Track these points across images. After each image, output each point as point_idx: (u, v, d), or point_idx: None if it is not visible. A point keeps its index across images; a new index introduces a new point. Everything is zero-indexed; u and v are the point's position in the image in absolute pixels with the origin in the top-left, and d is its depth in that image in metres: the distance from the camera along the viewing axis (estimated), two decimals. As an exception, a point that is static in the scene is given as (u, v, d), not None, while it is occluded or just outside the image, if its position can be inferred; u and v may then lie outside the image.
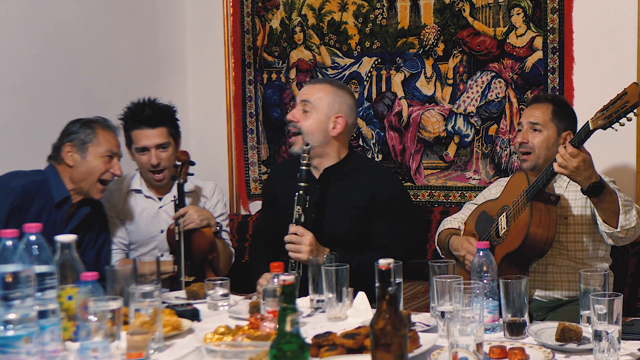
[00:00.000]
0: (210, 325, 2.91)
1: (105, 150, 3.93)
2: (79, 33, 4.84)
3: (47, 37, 4.64)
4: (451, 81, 4.90)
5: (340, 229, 3.77)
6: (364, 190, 3.78)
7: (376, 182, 3.80)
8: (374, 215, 3.77)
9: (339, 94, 3.86)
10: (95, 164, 3.91)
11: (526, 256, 3.63)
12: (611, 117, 3.32)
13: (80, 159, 3.90)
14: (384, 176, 3.89)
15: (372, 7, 5.06)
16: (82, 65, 4.85)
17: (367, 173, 3.85)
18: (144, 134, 4.18)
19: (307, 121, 3.81)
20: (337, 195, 3.81)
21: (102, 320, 2.38)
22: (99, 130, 3.95)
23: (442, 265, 2.98)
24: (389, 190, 3.80)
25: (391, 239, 3.76)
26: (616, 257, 4.05)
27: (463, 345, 2.25)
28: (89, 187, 3.92)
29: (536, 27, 4.64)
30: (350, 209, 3.78)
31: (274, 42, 5.38)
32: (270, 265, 3.12)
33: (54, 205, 3.85)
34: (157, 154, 4.18)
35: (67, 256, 2.62)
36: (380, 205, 3.77)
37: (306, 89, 3.91)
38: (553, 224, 3.58)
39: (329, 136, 3.82)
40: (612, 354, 2.40)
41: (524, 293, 2.75)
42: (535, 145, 3.82)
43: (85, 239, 4.00)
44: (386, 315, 2.10)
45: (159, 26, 5.48)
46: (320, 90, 3.85)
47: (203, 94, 5.60)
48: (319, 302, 3.18)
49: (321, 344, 2.55)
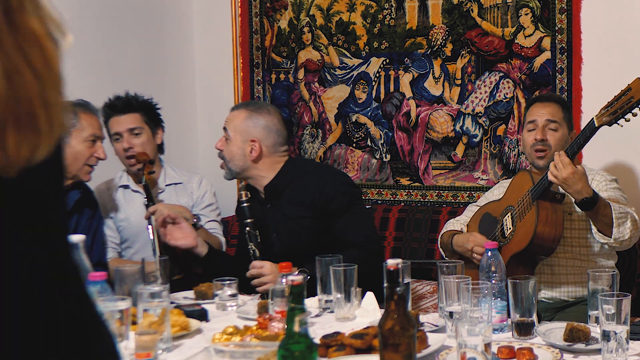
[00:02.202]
0: (218, 325, 2.92)
1: (89, 135, 3.87)
2: (86, 33, 4.85)
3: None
4: (459, 81, 4.90)
5: (297, 241, 3.77)
6: (306, 197, 3.78)
7: (317, 185, 3.79)
8: (326, 217, 3.77)
9: (252, 118, 3.87)
10: (79, 149, 3.85)
11: (534, 255, 3.63)
12: (616, 113, 3.31)
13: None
14: (324, 177, 3.86)
15: (380, 8, 5.06)
16: (89, 66, 4.86)
17: (308, 179, 3.83)
18: (116, 120, 4.24)
19: (228, 148, 3.86)
20: (286, 210, 3.81)
21: (110, 320, 2.38)
22: (82, 114, 3.88)
23: (450, 265, 2.98)
24: (332, 189, 3.78)
25: (352, 231, 3.75)
26: (624, 257, 4.04)
27: (471, 346, 2.25)
28: (76, 172, 3.87)
29: (544, 27, 4.64)
30: (301, 219, 3.78)
31: (282, 42, 5.39)
32: (279, 266, 3.12)
33: None
34: (128, 139, 4.22)
35: (74, 256, 2.62)
36: (328, 206, 3.76)
37: (227, 116, 3.95)
38: (560, 222, 3.58)
39: (248, 161, 3.84)
40: (621, 354, 2.40)
41: (532, 293, 2.75)
42: (553, 143, 3.79)
43: (80, 225, 3.96)
44: (394, 315, 2.10)
45: (166, 26, 5.49)
46: (236, 117, 3.90)
47: (211, 94, 5.60)
48: (327, 302, 3.18)
49: (329, 344, 2.55)
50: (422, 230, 4.75)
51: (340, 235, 3.75)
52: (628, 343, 2.44)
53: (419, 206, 4.96)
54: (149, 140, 4.28)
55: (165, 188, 4.37)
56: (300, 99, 5.33)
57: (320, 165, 4.68)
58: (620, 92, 3.33)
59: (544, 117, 3.84)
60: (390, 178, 5.12)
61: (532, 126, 3.88)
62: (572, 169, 3.37)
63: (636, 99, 3.27)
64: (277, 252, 3.72)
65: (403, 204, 5.04)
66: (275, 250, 3.76)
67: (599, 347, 2.47)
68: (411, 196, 5.07)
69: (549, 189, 3.59)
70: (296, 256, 3.63)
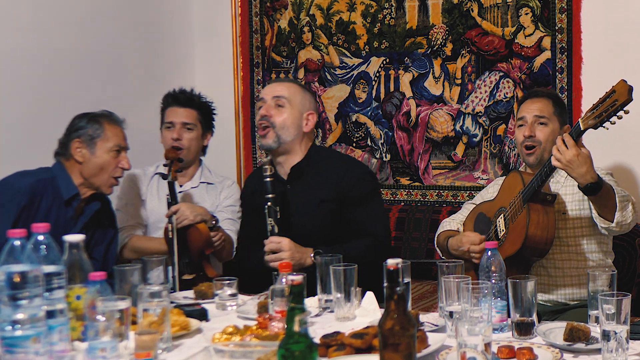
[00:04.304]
0: (218, 325, 2.92)
1: (114, 145, 3.90)
2: (87, 34, 4.85)
3: (55, 38, 4.65)
4: (459, 81, 4.90)
5: (314, 225, 3.80)
6: (330, 182, 3.83)
7: (341, 171, 3.85)
8: (346, 204, 3.80)
9: (307, 93, 3.97)
10: (105, 159, 3.88)
11: (527, 258, 3.60)
12: (601, 116, 3.25)
13: (89, 154, 3.87)
14: (347, 164, 3.94)
15: (380, 7, 5.06)
16: (90, 66, 4.86)
17: (332, 165, 3.90)
18: (173, 111, 4.40)
19: (282, 116, 3.86)
20: (307, 192, 3.84)
21: (110, 320, 2.38)
22: (106, 124, 3.92)
23: (450, 265, 2.98)
24: (354, 177, 3.85)
25: (371, 221, 3.81)
26: (624, 257, 4.03)
27: (471, 345, 2.24)
28: (100, 183, 3.90)
29: (544, 27, 4.64)
30: (321, 203, 3.82)
31: (282, 42, 5.39)
32: (279, 266, 3.13)
33: (63, 202, 3.85)
34: (179, 130, 4.36)
35: (75, 256, 2.62)
36: (349, 193, 3.80)
37: (275, 86, 3.96)
38: (552, 224, 3.54)
39: (301, 132, 3.87)
40: (621, 354, 2.40)
41: (532, 293, 2.75)
42: (542, 139, 3.76)
43: (96, 235, 3.99)
44: (394, 315, 2.10)
45: (167, 27, 5.49)
46: (292, 88, 3.93)
47: (211, 94, 5.54)
48: (327, 301, 3.18)
49: (329, 344, 2.55)
50: (422, 230, 4.76)
51: (359, 224, 3.79)
52: (628, 343, 2.44)
53: (419, 206, 4.96)
54: (197, 138, 4.43)
55: (199, 184, 4.47)
56: (300, 98, 5.33)
57: (343, 154, 4.73)
58: (605, 95, 3.27)
59: (532, 113, 3.81)
60: (390, 178, 5.12)
61: (521, 122, 3.85)
62: (576, 150, 3.30)
63: (620, 101, 3.22)
64: (293, 233, 3.73)
65: (403, 204, 5.04)
66: (291, 230, 3.76)
67: (599, 347, 2.46)
68: (411, 196, 5.07)
69: (540, 191, 3.55)
70: (311, 238, 3.70)
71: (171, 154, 4.23)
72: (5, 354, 2.28)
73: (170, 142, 4.35)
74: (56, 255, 2.50)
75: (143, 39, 5.29)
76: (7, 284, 2.28)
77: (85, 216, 3.92)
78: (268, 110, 3.87)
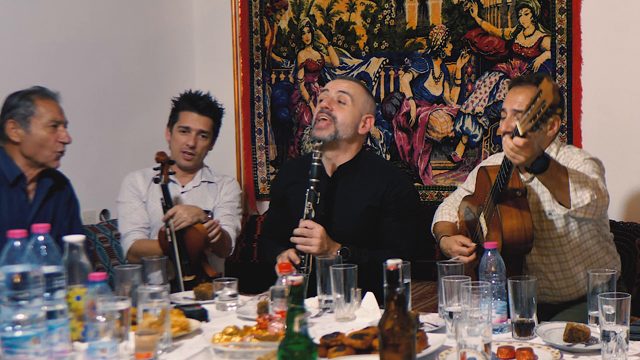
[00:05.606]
0: (218, 325, 2.92)
1: (49, 120, 3.81)
2: (87, 33, 4.85)
3: (56, 38, 4.66)
4: (459, 81, 4.90)
5: (351, 226, 3.77)
6: (374, 188, 3.79)
7: (387, 180, 3.81)
8: (384, 213, 3.78)
9: (370, 97, 3.93)
10: (42, 135, 3.79)
11: (513, 255, 3.49)
12: (535, 119, 3.01)
13: (25, 133, 3.79)
14: (395, 175, 3.89)
15: (380, 8, 5.07)
16: (90, 65, 4.87)
17: (378, 171, 3.86)
18: (191, 116, 4.37)
19: (343, 112, 3.82)
20: (349, 193, 3.81)
21: (110, 321, 2.38)
22: (38, 100, 3.83)
23: (450, 265, 2.98)
24: (399, 189, 3.81)
25: (402, 237, 3.78)
26: (624, 257, 4.03)
27: (471, 346, 2.25)
28: (44, 159, 3.83)
29: (544, 27, 4.64)
30: (361, 206, 3.79)
31: (282, 42, 5.39)
32: (279, 266, 3.12)
33: (9, 185, 3.78)
34: (196, 138, 4.36)
35: (75, 256, 2.62)
36: (390, 203, 3.78)
37: (342, 82, 3.92)
38: (527, 218, 3.42)
39: (357, 132, 3.85)
40: (620, 354, 2.40)
41: (532, 293, 2.74)
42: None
43: (58, 212, 3.95)
44: (394, 315, 2.10)
45: (167, 27, 5.49)
46: (358, 88, 3.90)
47: (211, 94, 5.60)
48: (327, 302, 3.17)
49: (329, 345, 2.55)
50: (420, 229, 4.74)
51: (391, 235, 3.78)
52: (628, 343, 2.44)
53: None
54: (208, 145, 4.46)
55: (200, 183, 4.47)
56: (300, 99, 5.33)
57: (392, 165, 4.63)
58: (534, 95, 3.01)
59: (511, 105, 3.60)
60: (390, 178, 5.11)
61: (503, 114, 3.66)
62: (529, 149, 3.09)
63: (549, 102, 2.96)
64: (329, 229, 3.71)
65: (403, 204, 5.03)
66: (330, 227, 3.74)
67: (599, 347, 2.46)
68: (411, 196, 5.06)
69: (507, 189, 3.42)
70: (347, 238, 3.69)
71: (162, 157, 4.19)
72: (6, 354, 2.28)
73: (183, 147, 4.35)
74: (56, 256, 2.50)
75: (143, 39, 5.29)
76: (8, 284, 2.29)
77: (40, 195, 3.86)
78: (330, 103, 3.83)
